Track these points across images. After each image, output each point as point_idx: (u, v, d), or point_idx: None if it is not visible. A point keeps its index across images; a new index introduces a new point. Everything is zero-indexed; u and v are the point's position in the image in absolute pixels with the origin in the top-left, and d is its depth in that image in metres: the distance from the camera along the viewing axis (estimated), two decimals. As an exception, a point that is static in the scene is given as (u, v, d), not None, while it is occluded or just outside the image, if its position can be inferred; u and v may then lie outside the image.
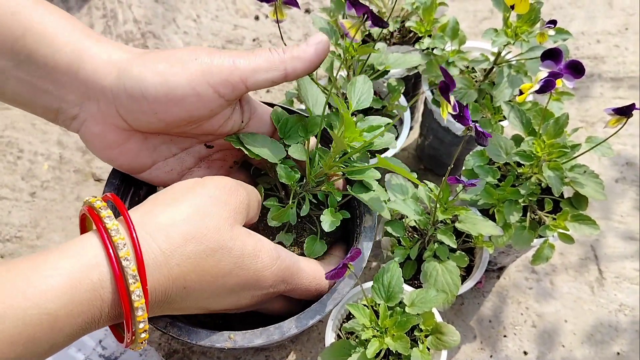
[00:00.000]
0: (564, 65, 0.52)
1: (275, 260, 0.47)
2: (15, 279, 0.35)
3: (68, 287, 0.36)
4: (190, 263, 0.42)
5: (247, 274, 0.45)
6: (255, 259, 0.46)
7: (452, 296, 0.58)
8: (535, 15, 0.63)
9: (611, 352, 0.73)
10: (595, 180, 0.61)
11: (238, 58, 0.46)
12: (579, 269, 0.79)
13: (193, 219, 0.42)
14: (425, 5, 0.69)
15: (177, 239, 0.41)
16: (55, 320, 0.36)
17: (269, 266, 0.47)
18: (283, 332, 0.50)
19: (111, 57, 0.46)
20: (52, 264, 0.37)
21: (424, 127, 0.82)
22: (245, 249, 0.45)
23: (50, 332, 0.36)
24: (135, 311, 0.39)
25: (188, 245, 0.41)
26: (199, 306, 0.46)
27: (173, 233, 0.41)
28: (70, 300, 0.36)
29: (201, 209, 0.43)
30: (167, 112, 0.46)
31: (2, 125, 0.90)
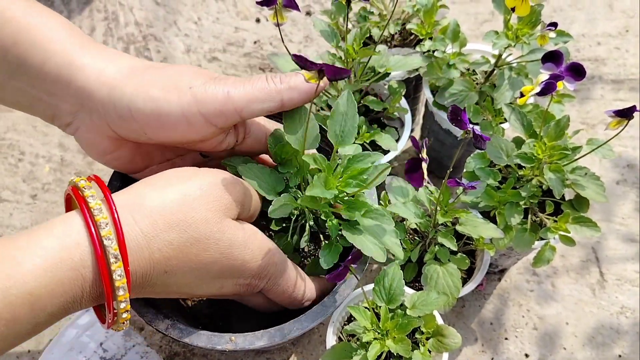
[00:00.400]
0: (565, 67, 0.52)
1: (264, 253, 0.47)
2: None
3: (50, 267, 0.36)
4: (172, 249, 0.41)
5: (234, 263, 0.45)
6: (244, 250, 0.45)
7: (453, 298, 0.58)
8: (536, 18, 0.63)
9: (612, 354, 0.73)
10: (596, 183, 0.61)
11: (233, 88, 0.45)
12: (580, 271, 0.79)
13: (180, 207, 0.42)
14: (426, 8, 0.69)
15: (160, 224, 0.41)
16: (37, 300, 0.36)
17: (257, 258, 0.46)
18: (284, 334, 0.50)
19: (102, 73, 0.45)
20: (35, 244, 0.37)
21: (425, 130, 0.82)
22: (234, 241, 0.44)
23: (32, 312, 0.36)
24: (116, 290, 0.39)
25: (171, 232, 0.41)
26: (181, 291, 0.46)
27: (157, 218, 0.41)
28: (52, 280, 0.36)
29: (190, 198, 0.43)
30: (157, 134, 0.46)
31: (4, 127, 0.90)
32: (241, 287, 0.48)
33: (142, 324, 0.73)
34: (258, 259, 0.47)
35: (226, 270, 0.45)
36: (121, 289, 0.39)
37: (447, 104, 0.70)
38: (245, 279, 0.47)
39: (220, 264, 0.44)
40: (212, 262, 0.44)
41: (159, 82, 0.45)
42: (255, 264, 0.46)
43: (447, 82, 0.70)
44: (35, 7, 0.45)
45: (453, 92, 0.70)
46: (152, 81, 0.45)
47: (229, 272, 0.45)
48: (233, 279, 0.47)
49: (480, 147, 0.49)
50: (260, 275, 0.48)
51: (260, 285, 0.49)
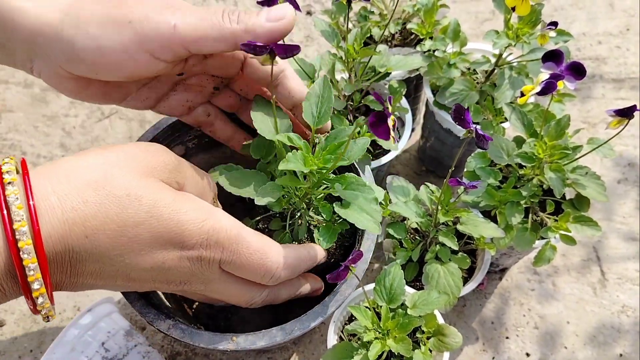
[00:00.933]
0: (565, 66, 0.52)
1: (205, 215, 0.41)
2: None
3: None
4: (88, 207, 0.36)
5: (166, 225, 0.39)
6: (176, 211, 0.40)
7: (454, 298, 0.58)
8: (536, 17, 0.63)
9: (613, 353, 0.73)
10: (597, 182, 0.61)
11: (181, 19, 0.41)
12: (581, 270, 0.79)
13: (99, 167, 0.38)
14: (426, 7, 0.69)
15: (75, 182, 0.37)
16: None
17: (194, 220, 0.41)
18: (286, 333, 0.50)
19: (42, 14, 0.41)
20: None
21: (426, 129, 0.82)
22: (159, 198, 0.39)
23: None
24: (26, 270, 0.35)
25: (87, 189, 0.37)
26: (120, 271, 0.40)
27: (73, 177, 0.37)
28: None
29: (111, 159, 0.39)
30: (108, 72, 0.43)
31: (5, 128, 0.90)
32: (194, 264, 0.42)
33: (143, 323, 0.73)
34: (199, 221, 0.41)
35: (160, 235, 0.39)
36: (32, 269, 0.35)
37: (447, 103, 0.70)
38: (192, 249, 0.41)
39: (149, 225, 0.39)
40: (140, 222, 0.38)
41: (96, 17, 0.41)
42: (195, 226, 0.40)
43: (448, 81, 0.70)
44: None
45: (453, 92, 0.70)
46: (91, 17, 0.41)
47: (164, 238, 0.40)
48: (175, 251, 0.41)
49: (483, 147, 0.49)
50: (208, 242, 0.42)
51: (215, 257, 0.43)
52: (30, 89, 0.94)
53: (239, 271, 0.45)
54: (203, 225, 0.41)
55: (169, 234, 0.40)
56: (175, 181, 0.43)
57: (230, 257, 0.43)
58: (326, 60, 0.66)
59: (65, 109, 0.93)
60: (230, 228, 0.43)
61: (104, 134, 0.90)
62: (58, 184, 0.36)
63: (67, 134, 0.90)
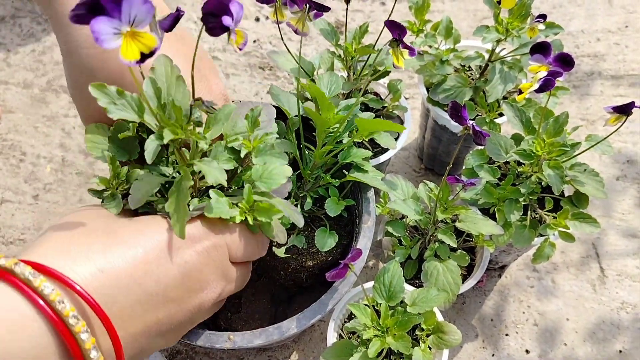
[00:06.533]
0: (553, 58, 0.52)
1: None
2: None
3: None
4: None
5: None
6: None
7: (453, 295, 0.58)
8: (525, 11, 0.63)
9: (613, 350, 0.73)
10: (595, 179, 0.61)
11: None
12: (581, 267, 0.79)
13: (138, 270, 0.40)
14: (417, 5, 0.69)
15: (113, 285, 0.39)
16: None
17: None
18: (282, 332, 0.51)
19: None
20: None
21: (422, 127, 0.82)
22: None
23: None
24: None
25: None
26: (158, 297, 0.42)
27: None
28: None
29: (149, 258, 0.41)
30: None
31: (5, 128, 0.91)
32: (209, 254, 0.45)
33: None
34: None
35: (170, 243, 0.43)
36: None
37: (440, 100, 0.70)
38: (199, 241, 0.44)
39: (157, 241, 0.42)
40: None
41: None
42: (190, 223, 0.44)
43: (441, 78, 0.70)
44: None
45: (446, 88, 0.70)
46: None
47: (173, 243, 0.43)
48: (188, 248, 0.43)
49: (480, 143, 0.49)
50: (207, 232, 0.45)
51: (222, 242, 0.46)
52: (30, 89, 0.94)
53: (239, 251, 0.47)
54: (195, 222, 0.44)
55: (170, 238, 0.42)
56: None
57: (231, 238, 0.46)
58: (325, 58, 0.66)
59: (64, 109, 0.93)
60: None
61: (103, 134, 0.90)
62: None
63: (67, 134, 0.90)
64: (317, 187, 0.57)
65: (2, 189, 0.85)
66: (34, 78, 0.96)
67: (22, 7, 1.03)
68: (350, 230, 0.62)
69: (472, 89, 0.70)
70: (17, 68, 0.97)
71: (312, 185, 0.57)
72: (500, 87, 0.67)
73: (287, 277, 0.62)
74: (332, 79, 0.58)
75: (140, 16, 0.32)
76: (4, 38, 1.00)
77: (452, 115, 0.49)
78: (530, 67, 0.54)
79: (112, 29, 0.32)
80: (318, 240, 0.56)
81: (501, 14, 0.65)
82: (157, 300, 0.41)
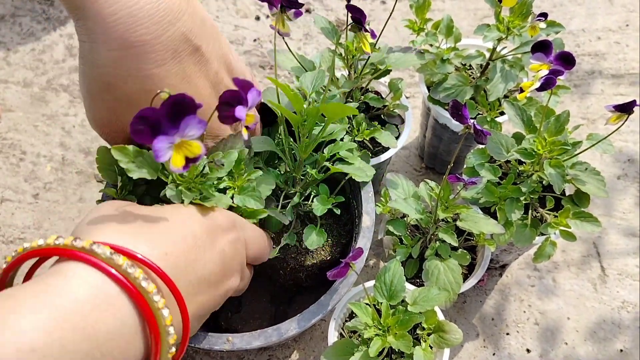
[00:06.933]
0: (555, 56, 0.52)
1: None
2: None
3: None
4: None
5: (209, 217, 0.45)
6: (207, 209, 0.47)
7: (454, 294, 0.58)
8: (526, 9, 0.63)
9: (614, 349, 0.73)
10: (596, 178, 0.61)
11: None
12: (581, 266, 0.79)
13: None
14: (418, 4, 0.69)
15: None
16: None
17: (220, 210, 0.47)
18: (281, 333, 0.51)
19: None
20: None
21: (423, 125, 0.82)
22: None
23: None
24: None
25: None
26: (203, 278, 0.44)
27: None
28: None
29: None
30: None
31: (5, 127, 0.90)
32: (234, 245, 0.47)
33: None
34: (223, 210, 0.48)
35: (210, 229, 0.45)
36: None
37: (441, 98, 0.70)
38: (230, 231, 0.46)
39: (201, 224, 0.45)
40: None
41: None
42: (221, 213, 0.47)
43: (442, 77, 0.70)
44: None
45: (447, 87, 0.70)
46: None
47: (212, 230, 0.45)
48: (223, 236, 0.46)
49: (481, 142, 0.49)
50: (234, 224, 0.48)
51: (242, 237, 0.48)
52: (30, 88, 0.94)
53: (253, 248, 0.50)
54: (225, 212, 0.47)
55: (212, 225, 0.44)
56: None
57: (249, 234, 0.49)
58: (326, 57, 0.66)
59: (64, 108, 0.93)
60: (236, 217, 0.48)
61: (103, 133, 0.90)
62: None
63: (67, 133, 0.90)
64: (308, 184, 0.57)
65: (2, 187, 0.85)
66: (34, 77, 0.95)
67: (22, 5, 1.03)
68: (349, 229, 0.62)
69: (473, 87, 0.70)
70: (17, 67, 0.96)
71: (303, 183, 0.57)
72: (501, 86, 0.67)
73: (286, 276, 0.62)
74: (318, 75, 0.57)
75: (192, 132, 0.36)
76: (3, 37, 0.99)
77: (453, 114, 0.49)
78: (531, 66, 0.53)
79: (168, 144, 0.36)
80: (305, 237, 0.56)
81: (502, 13, 0.65)
82: (204, 284, 0.42)
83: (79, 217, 0.83)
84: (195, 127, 0.36)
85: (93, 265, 0.35)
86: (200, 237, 0.43)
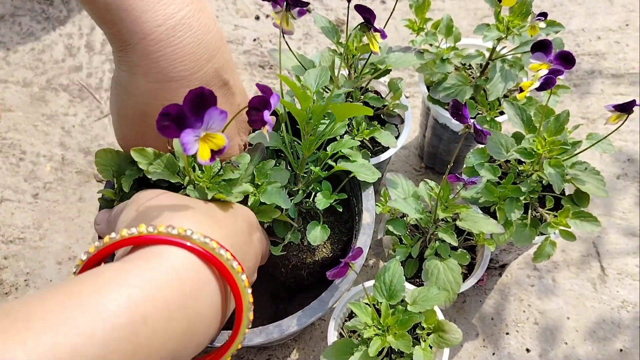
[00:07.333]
0: (554, 56, 0.52)
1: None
2: None
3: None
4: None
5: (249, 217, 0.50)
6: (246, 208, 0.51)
7: (454, 294, 0.58)
8: (526, 9, 0.63)
9: (614, 348, 0.73)
10: (596, 177, 0.61)
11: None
12: (581, 265, 0.79)
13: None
14: (417, 4, 0.69)
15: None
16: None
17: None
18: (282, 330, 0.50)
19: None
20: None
21: (423, 125, 0.82)
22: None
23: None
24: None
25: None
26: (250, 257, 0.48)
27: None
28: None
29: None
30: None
31: (5, 127, 0.90)
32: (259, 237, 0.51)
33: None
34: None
35: (249, 225, 0.49)
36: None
37: (441, 98, 0.70)
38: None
39: (244, 220, 0.48)
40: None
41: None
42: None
43: (442, 77, 0.70)
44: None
45: (447, 87, 0.70)
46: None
47: (253, 226, 0.50)
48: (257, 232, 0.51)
49: (481, 142, 0.49)
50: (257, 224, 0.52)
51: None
52: (30, 88, 0.94)
53: (263, 248, 0.53)
54: (250, 211, 0.51)
55: (250, 222, 0.49)
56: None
57: (262, 235, 0.53)
58: (326, 56, 0.66)
59: (64, 107, 0.93)
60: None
61: (103, 133, 0.90)
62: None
63: (67, 132, 0.90)
64: (311, 182, 0.57)
65: (2, 187, 0.85)
66: (34, 77, 0.95)
67: (21, 5, 1.03)
68: (350, 227, 0.62)
69: (472, 87, 0.70)
70: (16, 67, 0.96)
71: (306, 181, 0.57)
72: (500, 86, 0.67)
73: (288, 274, 0.62)
74: (322, 73, 0.58)
75: (215, 124, 0.38)
76: (3, 36, 0.99)
77: (453, 113, 0.49)
78: (531, 66, 0.54)
79: (194, 137, 0.37)
80: (308, 234, 0.57)
81: (502, 12, 0.65)
82: (248, 273, 0.45)
83: (79, 217, 0.83)
84: (217, 118, 0.37)
85: (189, 249, 0.38)
86: (246, 233, 0.46)
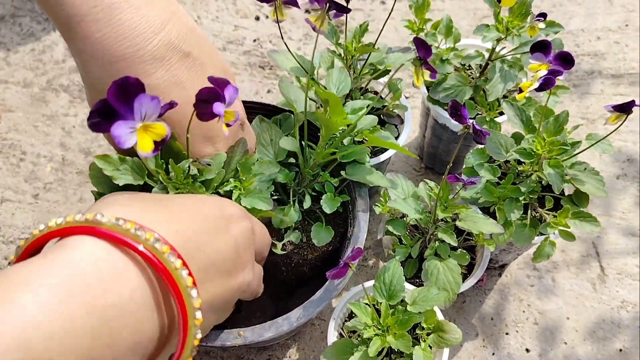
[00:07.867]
0: (554, 56, 0.52)
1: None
2: None
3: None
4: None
5: (219, 205, 0.45)
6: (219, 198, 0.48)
7: (454, 294, 0.58)
8: (526, 10, 0.63)
9: (613, 348, 0.73)
10: (595, 177, 0.61)
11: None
12: (581, 265, 0.79)
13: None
14: (417, 4, 0.69)
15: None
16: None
17: (230, 200, 0.47)
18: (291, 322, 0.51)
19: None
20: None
21: (423, 126, 0.82)
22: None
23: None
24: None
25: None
26: (216, 265, 0.42)
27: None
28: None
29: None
30: None
31: (5, 127, 0.91)
32: (247, 234, 0.46)
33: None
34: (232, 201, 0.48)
35: (220, 216, 0.44)
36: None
37: (440, 98, 0.70)
38: (242, 220, 0.46)
39: (213, 207, 0.44)
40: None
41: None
42: (231, 203, 0.47)
43: (441, 77, 0.70)
44: None
45: (446, 87, 0.70)
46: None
47: (224, 217, 0.44)
48: (236, 223, 0.44)
49: (480, 142, 0.49)
50: (245, 215, 0.47)
51: (249, 226, 0.47)
52: (30, 88, 0.94)
53: (260, 241, 0.49)
54: (236, 204, 0.46)
55: (226, 211, 0.44)
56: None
57: (257, 227, 0.48)
58: (325, 57, 0.66)
59: (64, 108, 0.93)
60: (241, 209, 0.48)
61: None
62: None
63: (67, 133, 0.90)
64: (314, 183, 0.57)
65: (2, 188, 0.85)
66: (34, 77, 0.96)
67: (22, 6, 1.03)
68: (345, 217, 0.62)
69: (472, 87, 0.70)
70: (16, 67, 0.97)
71: (310, 182, 0.57)
72: (500, 86, 0.67)
73: (289, 272, 0.62)
74: (342, 77, 0.58)
75: (150, 111, 0.35)
76: (3, 37, 1.00)
77: (453, 114, 0.49)
78: (530, 66, 0.54)
79: (129, 129, 0.35)
80: (314, 236, 0.58)
81: (501, 13, 0.65)
82: (216, 271, 0.40)
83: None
84: (150, 105, 0.35)
85: (97, 235, 0.33)
86: (213, 220, 0.41)
